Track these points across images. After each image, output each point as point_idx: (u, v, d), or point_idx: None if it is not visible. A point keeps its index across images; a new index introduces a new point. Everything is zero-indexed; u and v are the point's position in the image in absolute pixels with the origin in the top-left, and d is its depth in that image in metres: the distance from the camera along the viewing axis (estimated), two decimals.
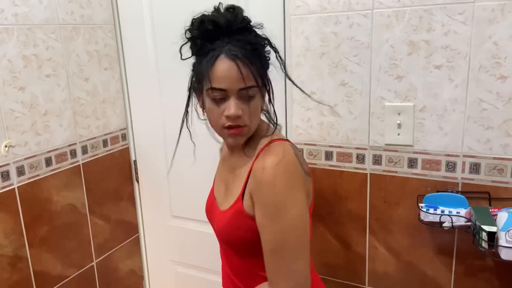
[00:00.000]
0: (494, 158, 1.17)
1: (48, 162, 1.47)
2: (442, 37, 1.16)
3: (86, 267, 1.66)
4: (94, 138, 1.66)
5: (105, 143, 1.71)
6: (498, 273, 1.22)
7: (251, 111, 0.91)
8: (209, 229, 1.68)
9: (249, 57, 0.89)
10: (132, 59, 1.74)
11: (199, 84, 0.96)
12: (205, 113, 0.98)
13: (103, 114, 1.69)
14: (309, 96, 1.35)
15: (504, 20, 1.08)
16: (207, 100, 0.93)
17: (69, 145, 1.55)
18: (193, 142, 1.13)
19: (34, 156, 1.43)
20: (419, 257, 1.33)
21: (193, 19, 0.94)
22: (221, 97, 0.90)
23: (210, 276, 1.76)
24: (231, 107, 0.89)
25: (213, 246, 1.17)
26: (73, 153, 1.57)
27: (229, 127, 0.91)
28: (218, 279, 1.13)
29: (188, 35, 0.95)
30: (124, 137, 1.81)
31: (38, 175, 1.45)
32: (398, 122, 1.27)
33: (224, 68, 0.88)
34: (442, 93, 1.20)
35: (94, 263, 1.70)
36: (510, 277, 1.21)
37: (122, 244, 1.84)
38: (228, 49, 0.89)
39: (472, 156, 1.20)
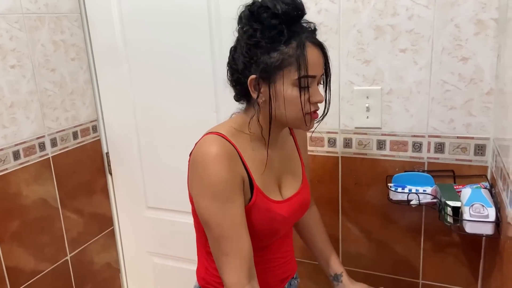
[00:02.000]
0: (458, 137, 1.22)
1: (16, 155, 1.44)
2: (407, 21, 1.19)
3: (60, 262, 1.64)
4: (64, 130, 1.62)
5: (75, 135, 1.68)
6: (464, 247, 1.28)
7: None
8: (185, 219, 1.69)
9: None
10: (100, 48, 1.70)
11: (266, 73, 0.88)
12: (264, 102, 0.91)
13: (72, 106, 1.66)
14: None
15: (465, 3, 1.12)
16: (289, 88, 0.88)
17: (38, 138, 1.52)
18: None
19: (1, 149, 1.39)
20: (390, 236, 1.37)
21: (265, 4, 0.87)
22: (308, 84, 0.89)
23: (187, 266, 1.77)
24: (318, 93, 0.92)
25: (189, 235, 1.17)
26: (42, 146, 1.53)
27: (313, 112, 0.93)
28: (195, 268, 1.13)
29: (268, 20, 0.87)
30: (95, 129, 1.78)
31: (6, 169, 1.41)
32: (367, 105, 1.30)
33: (315, 55, 0.89)
34: (408, 76, 1.23)
35: (68, 257, 1.67)
36: (475, 250, 1.27)
37: (96, 237, 1.81)
38: (308, 36, 0.89)
39: (436, 136, 1.24)
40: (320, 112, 0.96)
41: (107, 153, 1.83)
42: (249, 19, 0.90)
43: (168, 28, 1.56)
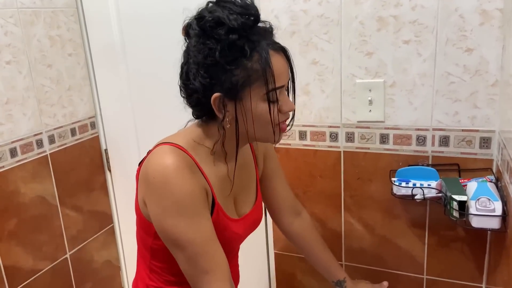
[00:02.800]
0: (463, 130, 1.20)
1: (13, 153, 1.42)
2: (410, 11, 1.17)
3: (59, 260, 1.62)
4: (61, 127, 1.60)
5: (73, 132, 1.65)
6: (469, 241, 1.26)
7: None
8: None
9: None
10: (98, 43, 1.68)
11: (231, 91, 0.80)
12: (230, 120, 0.84)
13: (70, 102, 1.63)
14: None
15: None
16: (258, 104, 0.81)
17: (35, 135, 1.49)
18: None
19: None
20: (393, 231, 1.35)
21: (216, 19, 0.78)
22: (277, 95, 0.83)
23: None
24: (289, 102, 0.86)
25: None
26: (40, 143, 1.51)
27: (283, 123, 0.88)
28: None
29: (226, 36, 0.78)
30: (93, 125, 1.75)
31: (3, 166, 1.39)
32: (369, 98, 1.28)
33: (280, 63, 0.82)
34: (411, 68, 1.21)
35: (67, 255, 1.65)
36: (480, 245, 1.25)
37: (96, 235, 1.80)
38: (269, 43, 0.81)
39: (441, 129, 1.22)
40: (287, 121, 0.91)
41: (106, 149, 1.81)
42: (201, 37, 0.80)
43: (167, 22, 1.53)
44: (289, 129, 0.93)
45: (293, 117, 0.92)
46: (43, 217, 1.54)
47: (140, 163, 0.87)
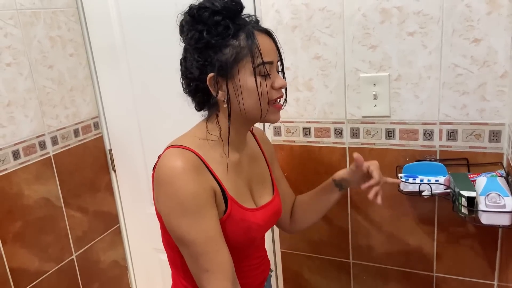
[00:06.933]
0: (471, 123, 1.16)
1: (16, 155, 1.41)
2: (414, 2, 1.13)
3: (65, 261, 1.61)
4: (64, 128, 1.59)
5: (76, 132, 1.65)
6: (479, 238, 1.23)
7: None
8: None
9: None
10: (99, 43, 1.66)
11: (223, 70, 0.86)
12: (227, 101, 0.89)
13: (72, 103, 1.62)
14: None
15: None
16: (248, 79, 0.87)
17: (37, 137, 1.49)
18: None
19: (0, 149, 1.36)
20: (401, 228, 1.32)
21: (202, 5, 0.87)
22: (267, 71, 0.88)
23: None
24: (280, 78, 0.92)
25: None
26: (42, 145, 1.50)
27: (277, 100, 0.92)
28: None
29: (211, 18, 0.85)
30: (96, 125, 1.74)
31: (6, 169, 1.38)
32: (374, 93, 1.24)
33: (266, 42, 0.89)
34: (417, 61, 1.17)
35: (74, 256, 1.65)
36: (491, 241, 1.21)
37: (102, 235, 1.79)
38: (254, 25, 0.89)
39: (449, 123, 1.19)
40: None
41: (110, 149, 1.80)
42: (192, 24, 0.88)
43: (168, 20, 1.49)
44: (284, 106, 0.96)
45: (286, 98, 0.96)
46: (48, 218, 1.54)
47: (154, 168, 0.92)
